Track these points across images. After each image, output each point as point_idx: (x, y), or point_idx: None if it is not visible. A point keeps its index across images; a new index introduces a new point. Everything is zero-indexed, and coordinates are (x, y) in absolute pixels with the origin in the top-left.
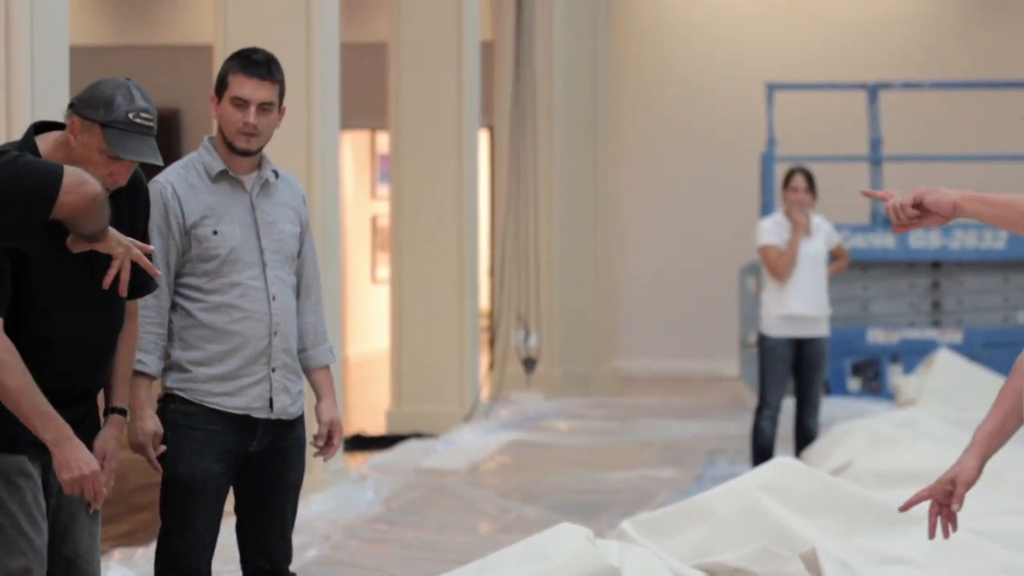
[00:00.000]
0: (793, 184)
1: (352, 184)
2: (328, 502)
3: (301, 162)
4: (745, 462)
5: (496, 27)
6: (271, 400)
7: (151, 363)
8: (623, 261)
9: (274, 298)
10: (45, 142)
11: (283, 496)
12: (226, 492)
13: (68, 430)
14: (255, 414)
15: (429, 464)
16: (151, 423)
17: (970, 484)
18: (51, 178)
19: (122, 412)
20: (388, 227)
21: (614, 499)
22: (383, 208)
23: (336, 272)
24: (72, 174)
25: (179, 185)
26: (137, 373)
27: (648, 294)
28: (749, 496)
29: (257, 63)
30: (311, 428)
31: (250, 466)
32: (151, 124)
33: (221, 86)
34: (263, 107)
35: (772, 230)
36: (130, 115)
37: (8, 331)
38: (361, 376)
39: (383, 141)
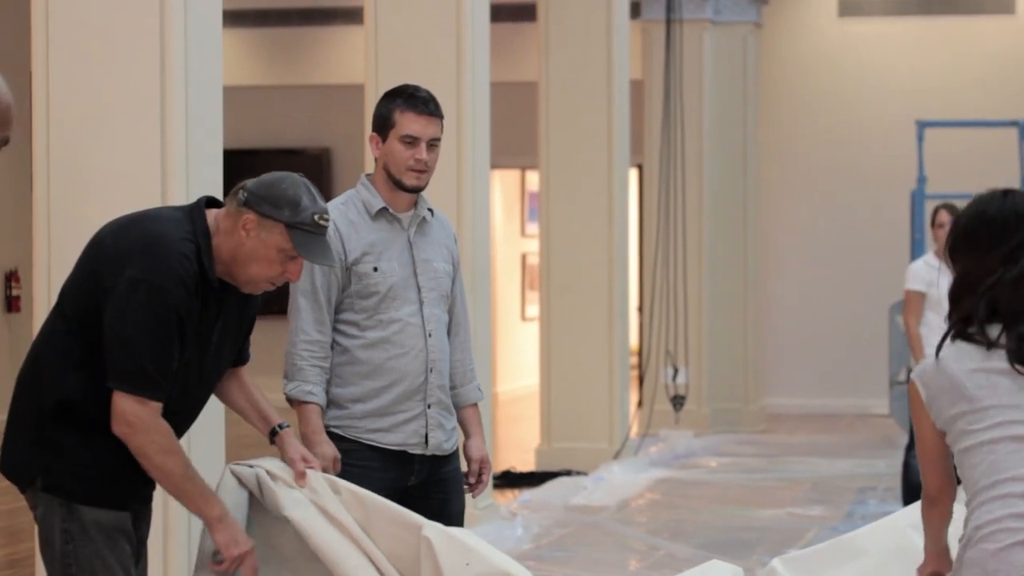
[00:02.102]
0: (939, 220)
1: (502, 222)
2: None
3: (452, 200)
4: (896, 500)
5: (645, 66)
6: (427, 436)
7: (319, 394)
8: (772, 298)
9: (430, 335)
10: (208, 217)
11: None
12: None
13: (223, 506)
14: (411, 450)
15: (578, 501)
16: (329, 448)
17: None
18: None
19: (288, 426)
20: (538, 265)
21: (763, 536)
22: (532, 246)
23: (486, 310)
24: None
25: (340, 221)
26: (306, 403)
27: (797, 331)
28: (901, 534)
29: (425, 100)
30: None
31: (410, 502)
32: (328, 225)
33: (386, 125)
34: (432, 143)
35: (920, 274)
36: (315, 217)
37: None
38: (511, 413)
39: (532, 179)
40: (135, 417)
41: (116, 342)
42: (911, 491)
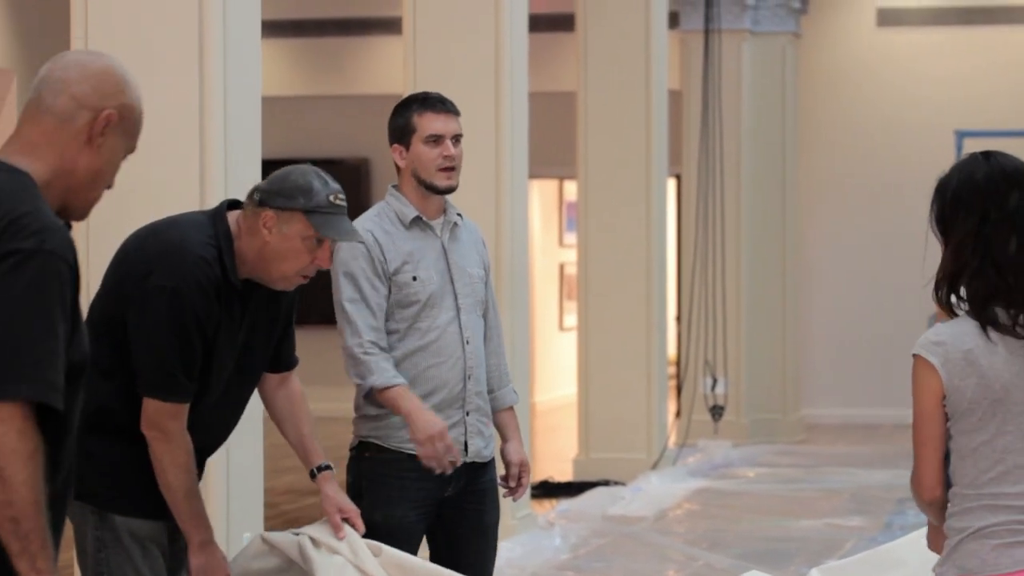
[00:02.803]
0: None
1: (540, 232)
2: (516, 549)
3: (490, 211)
4: None
5: (684, 76)
6: (466, 444)
7: (399, 376)
8: (810, 308)
9: (468, 342)
10: (230, 220)
11: (482, 540)
12: (420, 540)
13: (212, 533)
14: None
15: (616, 511)
16: (436, 419)
17: None
18: None
19: (328, 468)
20: (575, 275)
21: (802, 547)
22: (570, 256)
23: (524, 320)
24: None
25: (377, 232)
26: (393, 386)
27: (835, 341)
28: None
29: (441, 99)
30: (498, 470)
31: (444, 513)
32: (346, 203)
33: (406, 132)
34: (456, 139)
35: None
36: (331, 198)
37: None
38: (548, 423)
39: (570, 189)
40: (167, 426)
41: (142, 350)
42: None
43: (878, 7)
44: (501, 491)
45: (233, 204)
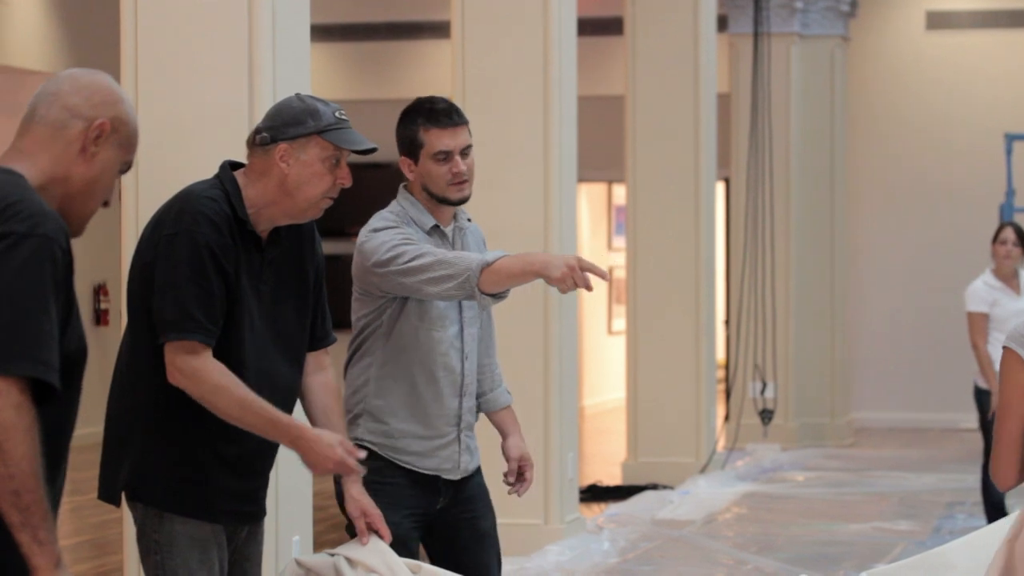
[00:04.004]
0: (1001, 237)
1: (588, 236)
2: (564, 552)
3: (539, 214)
4: (984, 515)
5: (732, 79)
6: (459, 461)
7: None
8: (859, 312)
9: (467, 358)
10: (240, 178)
11: (480, 546)
12: (416, 551)
13: (298, 423)
14: (445, 475)
15: (665, 515)
16: (565, 256)
17: None
18: None
19: None
20: (624, 279)
21: (850, 551)
22: (619, 260)
23: (573, 324)
24: None
25: (405, 228)
26: (491, 262)
27: (884, 345)
28: (990, 550)
29: (447, 112)
30: (500, 467)
31: (438, 526)
32: (347, 118)
33: (414, 146)
34: (465, 152)
35: (981, 294)
36: (336, 114)
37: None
38: (597, 427)
39: (619, 193)
40: (185, 364)
41: (159, 294)
42: (993, 508)
43: (927, 10)
44: (505, 488)
45: (235, 165)
